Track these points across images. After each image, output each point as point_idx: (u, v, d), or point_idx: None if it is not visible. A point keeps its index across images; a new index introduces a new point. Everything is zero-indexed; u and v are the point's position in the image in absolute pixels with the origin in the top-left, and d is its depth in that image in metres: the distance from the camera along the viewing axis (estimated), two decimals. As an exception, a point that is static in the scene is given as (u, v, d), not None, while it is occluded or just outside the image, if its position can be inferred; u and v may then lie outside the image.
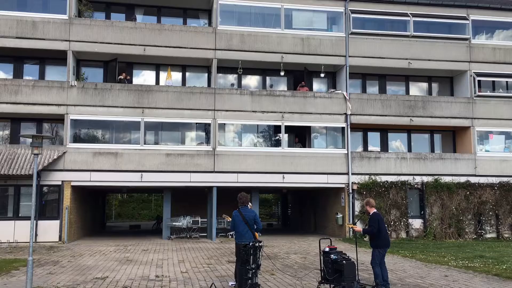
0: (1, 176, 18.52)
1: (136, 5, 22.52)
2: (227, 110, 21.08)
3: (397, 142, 24.19)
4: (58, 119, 20.54)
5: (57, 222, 19.37)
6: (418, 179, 22.08)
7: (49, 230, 19.21)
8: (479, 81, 23.27)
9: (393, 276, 11.34)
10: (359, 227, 10.22)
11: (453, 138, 24.40)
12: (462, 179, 22.27)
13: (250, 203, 10.16)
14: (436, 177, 22.10)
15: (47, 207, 19.76)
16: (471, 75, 23.24)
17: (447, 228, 21.72)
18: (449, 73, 24.31)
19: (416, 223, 21.77)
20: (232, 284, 10.08)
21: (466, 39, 23.23)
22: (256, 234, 9.70)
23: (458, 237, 21.68)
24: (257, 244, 8.94)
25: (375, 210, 9.87)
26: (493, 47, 23.58)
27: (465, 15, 23.33)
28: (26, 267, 10.39)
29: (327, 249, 9.19)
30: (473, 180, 22.35)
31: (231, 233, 19.35)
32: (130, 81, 21.57)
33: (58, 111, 19.92)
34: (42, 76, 21.53)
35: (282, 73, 22.36)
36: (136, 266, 13.14)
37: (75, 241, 20.22)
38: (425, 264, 13.68)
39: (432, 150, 24.14)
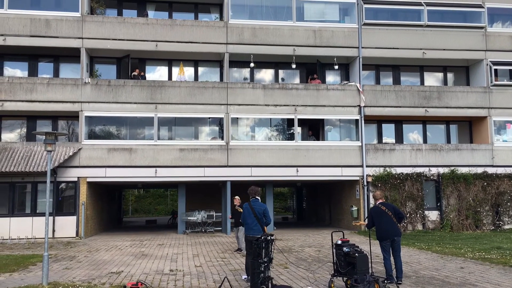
0: (18, 173, 18.83)
1: (147, 1, 22.60)
2: (239, 104, 21.06)
3: (412, 134, 23.92)
4: (73, 116, 20.77)
5: (74, 218, 19.63)
6: (434, 170, 21.82)
7: (66, 225, 19.49)
8: (495, 70, 22.84)
9: (408, 269, 11.25)
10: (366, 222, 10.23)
11: (469, 128, 24.04)
12: (479, 170, 21.95)
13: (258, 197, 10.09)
14: (452, 168, 21.82)
15: (64, 203, 20.02)
16: (487, 64, 22.83)
17: (464, 220, 21.45)
18: (465, 63, 23.92)
19: (433, 215, 21.55)
20: (245, 278, 10.10)
21: (481, 28, 22.81)
22: (265, 227, 9.69)
23: (476, 229, 21.40)
24: (269, 238, 8.93)
25: (380, 201, 9.89)
26: (510, 35, 23.12)
27: (481, 3, 22.90)
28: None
29: (339, 242, 9.13)
30: (490, 170, 22.01)
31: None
32: (144, 77, 21.68)
33: (73, 108, 20.13)
34: (56, 73, 21.77)
35: (294, 66, 22.22)
36: (151, 260, 13.25)
37: (92, 237, 20.48)
38: (441, 256, 13.54)
39: (448, 141, 23.81)
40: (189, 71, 22.70)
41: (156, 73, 22.96)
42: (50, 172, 10.27)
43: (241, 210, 10.11)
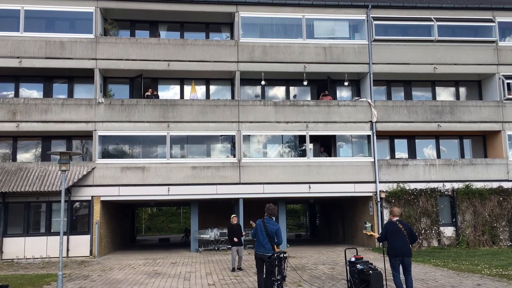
0: (33, 193, 19.04)
1: (159, 21, 22.96)
2: (251, 122, 21.15)
3: (426, 149, 23.74)
4: (87, 136, 21.02)
5: (88, 237, 19.73)
6: (448, 185, 21.60)
7: (80, 245, 19.57)
8: (508, 84, 22.69)
9: (423, 286, 11.09)
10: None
11: (483, 142, 23.81)
12: (495, 185, 21.67)
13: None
14: (467, 183, 21.57)
15: (78, 222, 20.14)
16: (499, 78, 22.70)
17: (481, 236, 21.11)
18: (477, 77, 23.82)
19: (448, 231, 21.25)
20: (258, 296, 10.01)
21: (493, 42, 22.74)
22: (276, 247, 9.56)
23: (493, 245, 21.03)
24: (281, 256, 8.89)
25: (396, 219, 9.71)
26: (522, 49, 23.01)
27: (491, 17, 22.87)
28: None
29: (353, 259, 9.07)
30: (506, 185, 21.71)
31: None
32: (157, 96, 21.92)
33: (87, 128, 20.38)
34: (70, 94, 22.12)
35: (305, 83, 22.34)
36: (164, 279, 13.23)
37: (106, 255, 20.52)
38: (457, 273, 13.32)
39: (462, 156, 23.59)
40: (201, 89, 22.91)
41: (169, 92, 23.21)
42: (64, 191, 10.39)
43: (254, 225, 10.02)
